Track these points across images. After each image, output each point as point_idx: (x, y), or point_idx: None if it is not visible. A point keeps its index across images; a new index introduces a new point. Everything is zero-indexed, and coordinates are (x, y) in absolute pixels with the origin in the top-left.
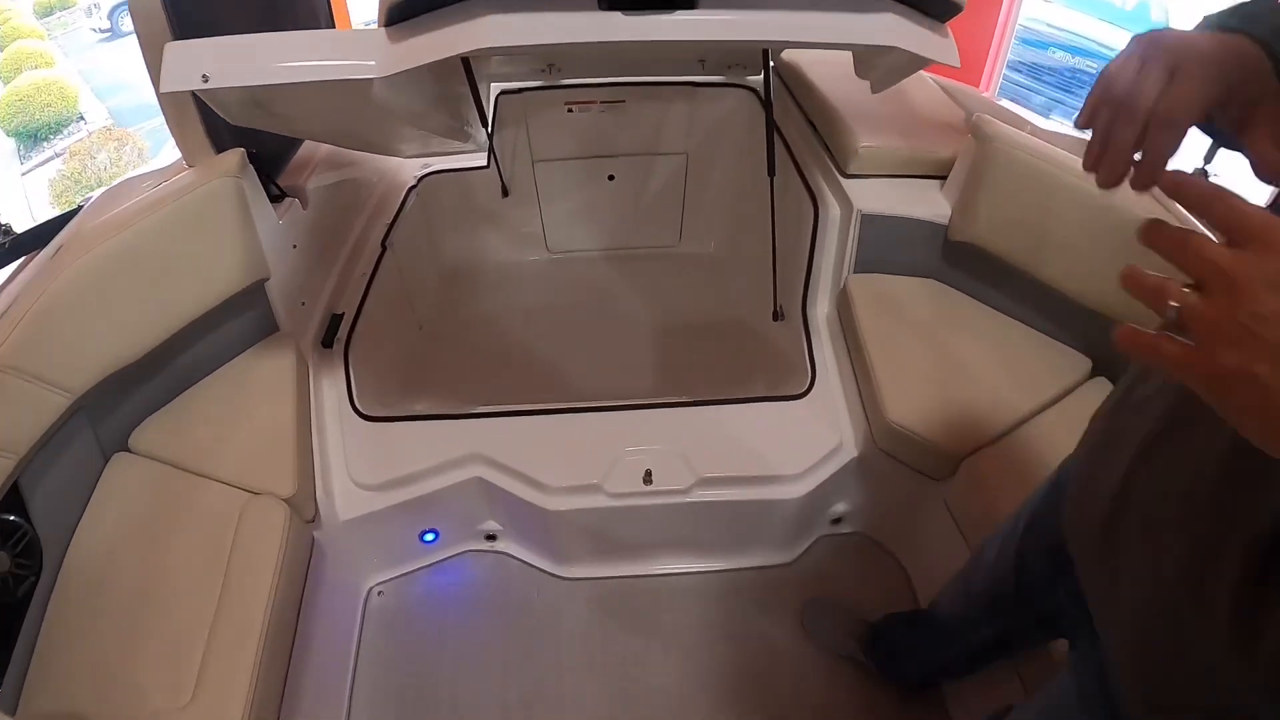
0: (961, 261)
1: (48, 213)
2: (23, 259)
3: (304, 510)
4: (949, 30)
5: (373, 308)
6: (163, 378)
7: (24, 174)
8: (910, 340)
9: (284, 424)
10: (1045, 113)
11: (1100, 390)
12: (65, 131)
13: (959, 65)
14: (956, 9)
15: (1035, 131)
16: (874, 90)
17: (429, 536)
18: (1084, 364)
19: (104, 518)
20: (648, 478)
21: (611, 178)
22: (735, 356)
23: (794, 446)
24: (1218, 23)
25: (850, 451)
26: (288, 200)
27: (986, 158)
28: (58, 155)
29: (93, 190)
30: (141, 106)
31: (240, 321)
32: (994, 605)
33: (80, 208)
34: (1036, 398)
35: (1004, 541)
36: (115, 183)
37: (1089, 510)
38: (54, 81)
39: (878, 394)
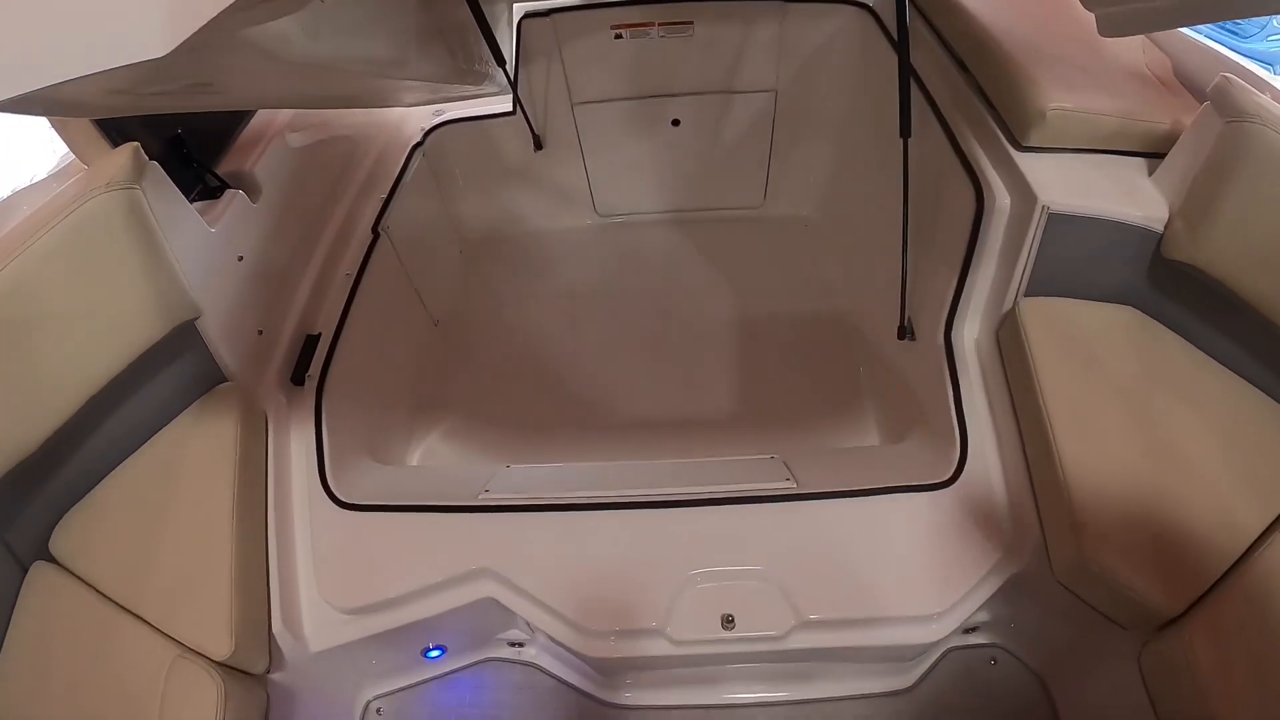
0: (1175, 286)
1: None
2: None
3: (250, 664)
4: None
5: (363, 317)
6: (78, 463)
7: None
8: (1110, 411)
9: (222, 534)
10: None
11: None
12: None
13: None
14: None
15: None
16: (1104, 32)
17: (434, 653)
18: None
19: (24, 654)
20: (727, 622)
21: (676, 123)
22: (842, 384)
23: (934, 566)
24: None
25: (1010, 567)
26: (228, 195)
27: (1241, 146)
28: None
29: None
30: None
31: (169, 376)
32: None
33: None
34: (1271, 506)
35: None
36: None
37: None
38: None
39: (1068, 505)
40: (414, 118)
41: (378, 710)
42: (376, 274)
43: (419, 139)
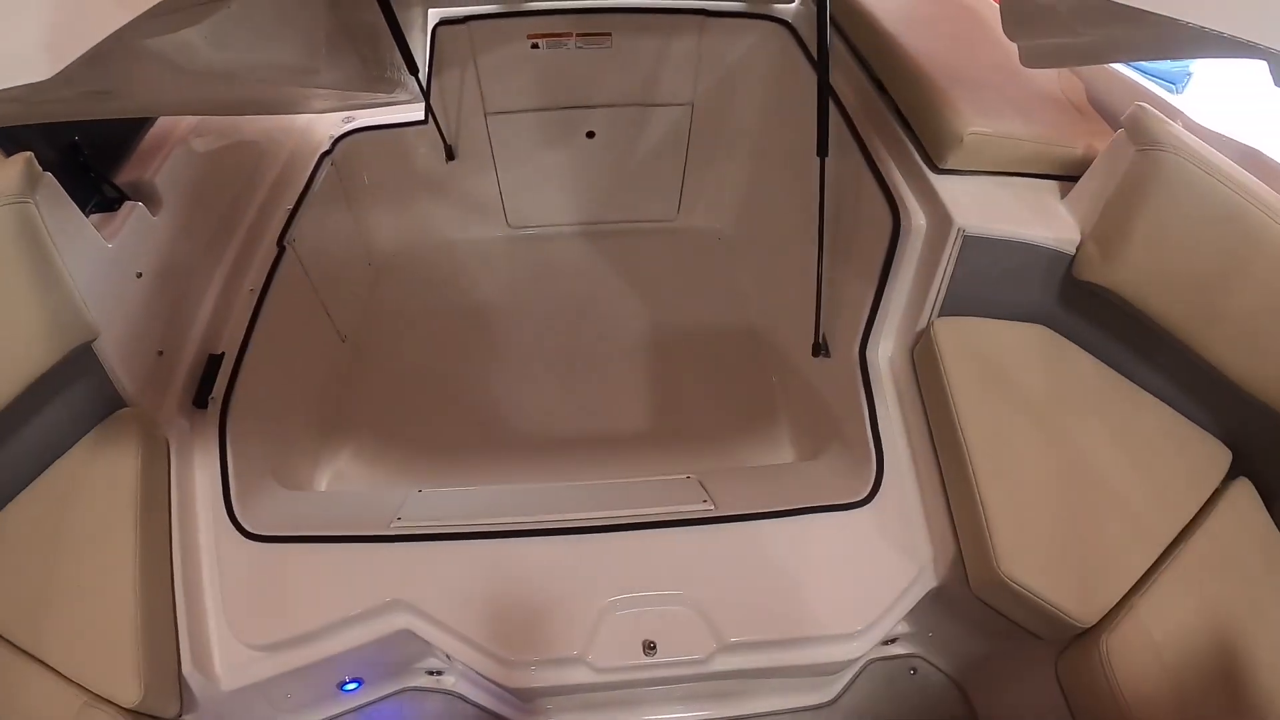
0: (1084, 305)
1: None
2: None
3: (161, 709)
4: None
5: (268, 334)
6: None
7: None
8: (1023, 429)
9: (125, 571)
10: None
11: (1243, 501)
12: None
13: None
14: None
15: (1193, 128)
16: (1026, 63)
17: (350, 686)
18: (1224, 457)
19: None
20: (649, 648)
21: (591, 135)
22: (757, 400)
23: (852, 585)
24: None
25: (928, 582)
26: (127, 207)
27: (1153, 173)
28: None
29: None
30: None
31: (64, 403)
32: None
33: None
34: (1178, 515)
35: None
36: None
37: None
38: None
39: (984, 524)
40: (322, 125)
41: None
42: (282, 289)
43: (327, 147)
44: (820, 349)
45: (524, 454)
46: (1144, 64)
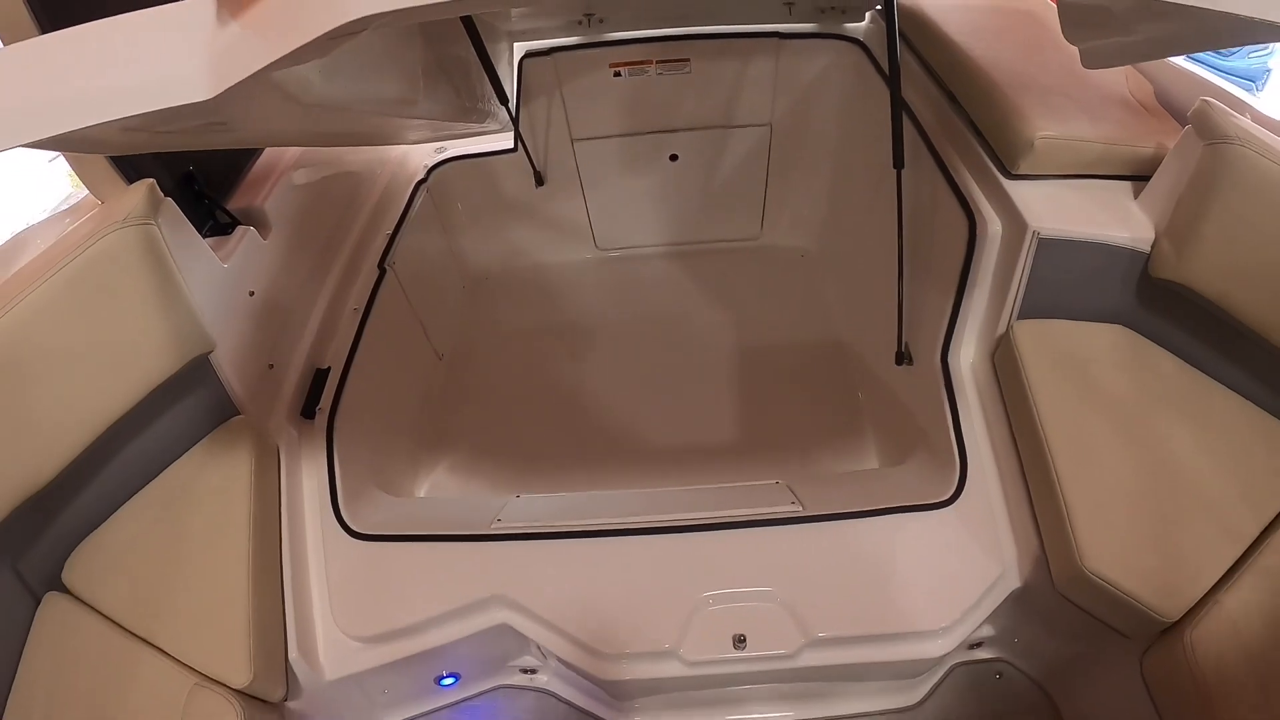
0: (1164, 304)
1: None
2: None
3: (267, 693)
4: None
5: (371, 351)
6: (90, 495)
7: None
8: (1104, 428)
9: (238, 565)
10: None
11: None
12: None
13: None
14: None
15: (1258, 119)
16: (1088, 64)
17: (447, 681)
18: None
19: (37, 684)
20: (739, 641)
21: (674, 158)
22: (843, 409)
23: (938, 583)
24: None
25: (1012, 582)
26: (239, 231)
27: (1222, 167)
28: None
29: None
30: None
31: (182, 409)
32: None
33: None
34: (1265, 512)
35: None
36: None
37: None
38: None
39: (1066, 520)
40: (417, 155)
41: None
42: (383, 309)
43: (423, 176)
44: (903, 357)
45: (616, 465)
46: (1222, 63)
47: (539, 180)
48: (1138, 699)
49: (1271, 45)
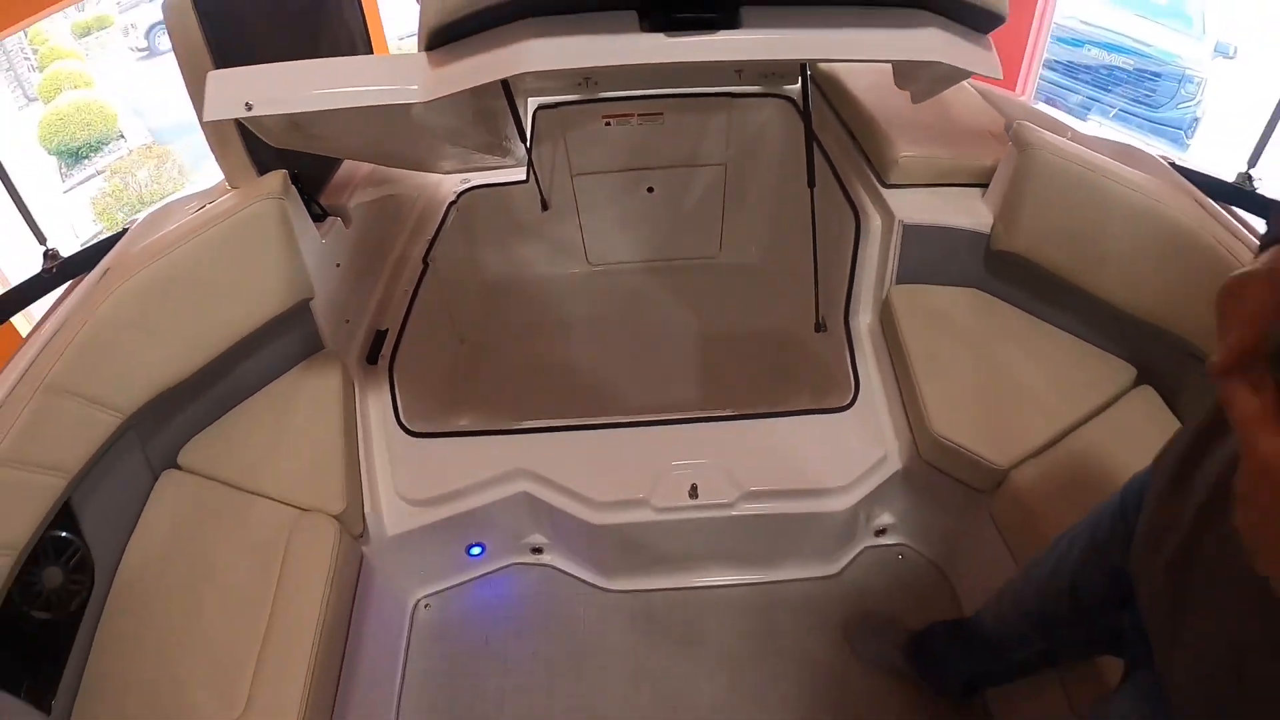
0: (1004, 271)
1: (90, 230)
2: (70, 282)
3: (353, 526)
4: (990, 41)
5: (416, 324)
6: (210, 396)
7: (65, 192)
8: (954, 351)
9: (331, 440)
10: (1083, 112)
11: (1145, 399)
12: (105, 150)
13: (1001, 76)
14: (999, 19)
15: (1076, 137)
16: (914, 101)
17: (475, 550)
18: (1128, 372)
19: (155, 534)
20: (693, 492)
21: (650, 190)
22: (778, 368)
23: (839, 459)
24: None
25: (895, 464)
26: (330, 219)
27: (1028, 166)
28: (99, 173)
29: (135, 206)
30: (181, 123)
31: (286, 340)
32: (1045, 622)
33: (125, 230)
34: (1082, 407)
35: (1058, 561)
36: (159, 205)
37: (1156, 552)
38: (93, 102)
39: (922, 406)
40: (448, 183)
41: (425, 605)
42: (425, 294)
43: (454, 198)
44: (820, 326)
45: (604, 415)
46: (1155, 115)
47: (544, 206)
48: (995, 545)
49: (1197, 95)
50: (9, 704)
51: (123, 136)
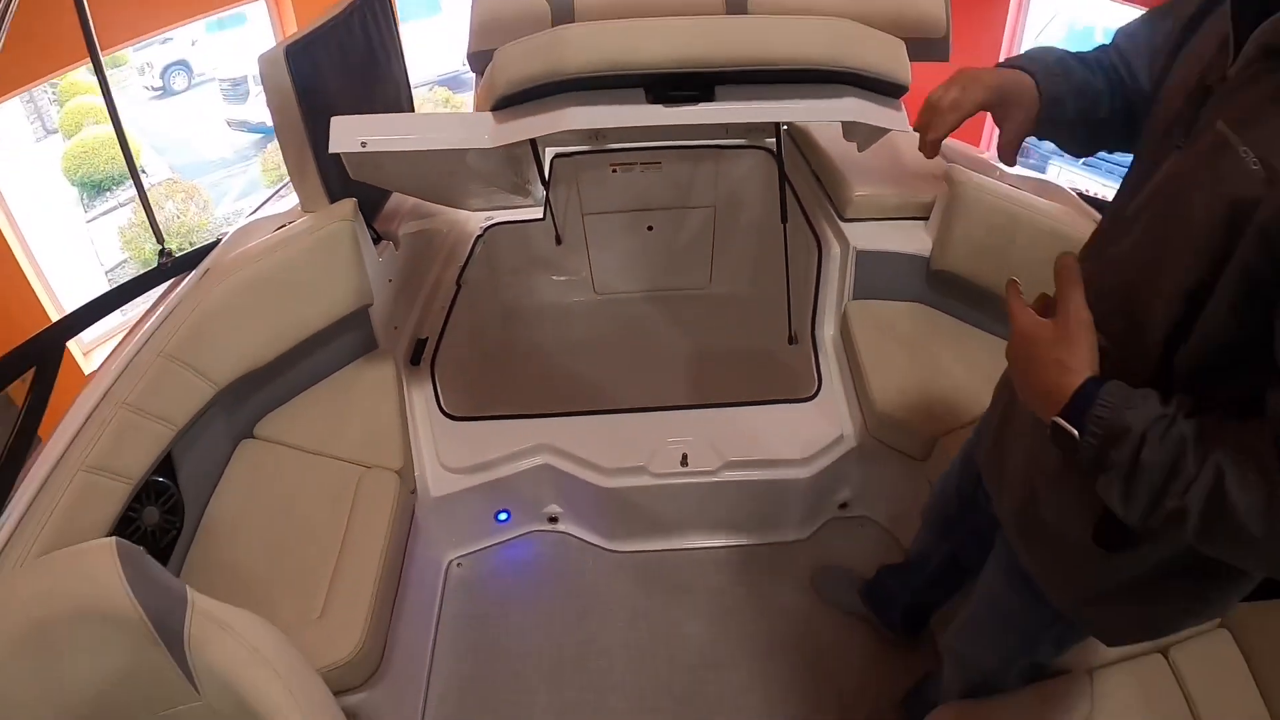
0: (942, 287)
1: (117, 258)
2: (172, 280)
3: (408, 481)
4: (901, 104)
5: (451, 334)
6: (282, 381)
7: (88, 221)
8: (898, 352)
9: (388, 417)
10: (1051, 159)
11: None
12: (127, 184)
13: (910, 129)
14: (903, 89)
15: (1001, 176)
16: (859, 150)
17: (502, 516)
18: None
19: (236, 486)
20: (684, 461)
21: (650, 228)
22: (756, 373)
23: (804, 438)
24: (1010, 61)
25: (850, 442)
26: (384, 242)
27: (958, 200)
28: (121, 205)
29: (165, 236)
30: (200, 162)
31: (347, 339)
32: (944, 524)
33: (218, 241)
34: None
35: (947, 477)
36: (242, 224)
37: (988, 425)
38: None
39: (869, 391)
40: (475, 219)
41: (458, 564)
42: (457, 311)
43: (480, 232)
44: (793, 339)
45: (611, 405)
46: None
47: (558, 240)
48: None
49: None
50: None
51: (144, 171)
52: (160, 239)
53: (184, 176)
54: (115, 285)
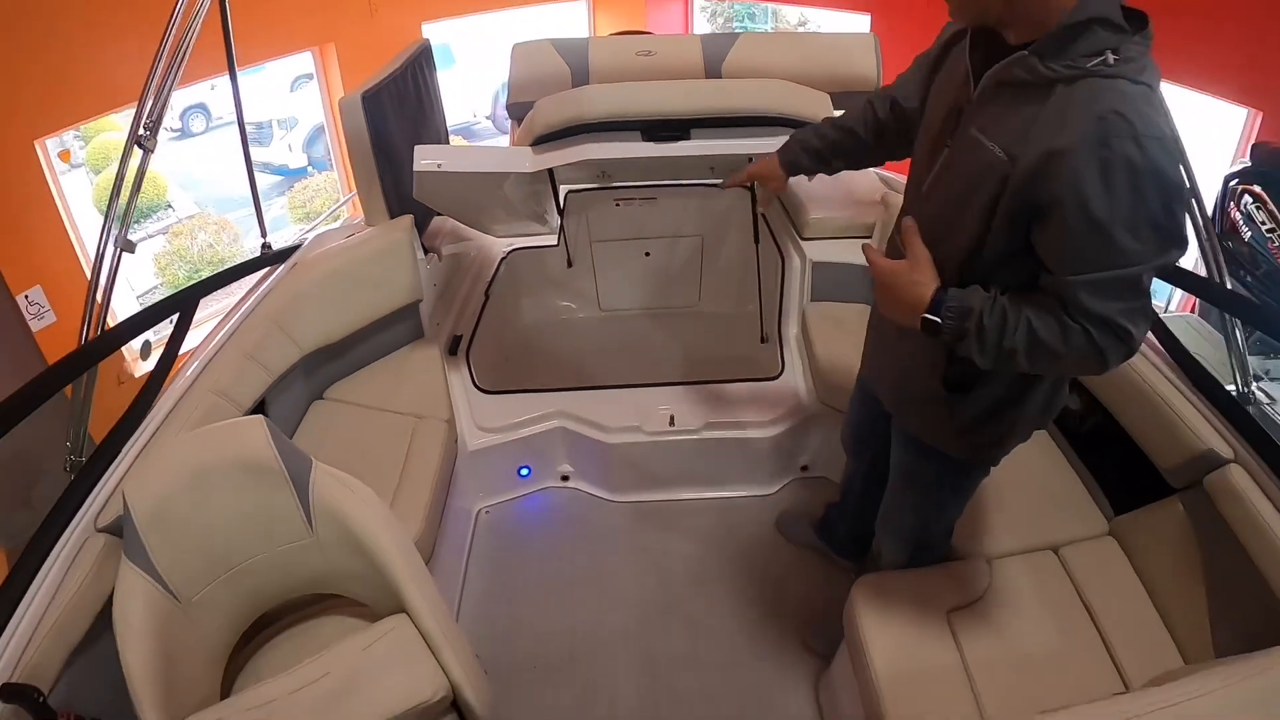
0: None
1: (150, 283)
2: (266, 269)
3: (454, 432)
4: None
5: (480, 335)
6: (350, 356)
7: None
8: (844, 339)
9: (436, 385)
10: None
11: None
12: (154, 216)
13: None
14: None
15: None
16: (808, 180)
17: (524, 471)
18: None
19: (312, 428)
20: (671, 421)
21: (648, 254)
22: (733, 367)
23: (769, 406)
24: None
25: (805, 411)
26: (430, 254)
27: (891, 220)
28: (149, 236)
29: (196, 265)
30: (225, 197)
31: (401, 327)
32: (858, 444)
33: (298, 245)
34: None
35: (852, 403)
36: (316, 233)
37: (868, 356)
38: (150, 171)
39: (818, 365)
40: (500, 244)
41: (485, 512)
42: (487, 316)
43: (504, 255)
44: (765, 339)
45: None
46: None
47: (569, 264)
48: None
49: None
50: None
51: (170, 206)
52: (264, 233)
53: (215, 211)
54: (228, 266)
